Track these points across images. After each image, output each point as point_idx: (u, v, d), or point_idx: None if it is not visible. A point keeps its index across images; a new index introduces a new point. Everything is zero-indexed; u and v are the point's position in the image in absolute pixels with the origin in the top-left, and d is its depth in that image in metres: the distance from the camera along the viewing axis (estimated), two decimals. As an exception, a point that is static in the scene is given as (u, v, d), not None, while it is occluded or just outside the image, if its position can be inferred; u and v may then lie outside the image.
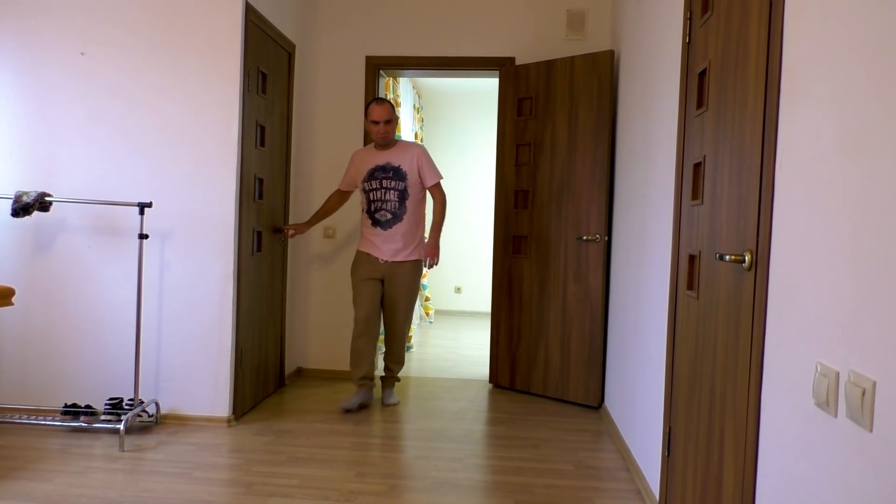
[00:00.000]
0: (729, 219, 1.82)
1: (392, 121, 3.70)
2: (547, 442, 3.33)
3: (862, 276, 1.15)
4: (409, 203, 3.73)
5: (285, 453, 3.06)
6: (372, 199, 3.74)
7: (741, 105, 1.77)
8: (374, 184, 3.73)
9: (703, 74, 2.15)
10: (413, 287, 3.80)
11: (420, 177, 3.76)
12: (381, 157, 3.76)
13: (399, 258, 3.73)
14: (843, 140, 1.23)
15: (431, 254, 3.76)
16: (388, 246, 3.71)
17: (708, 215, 2.01)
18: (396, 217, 3.72)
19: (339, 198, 3.99)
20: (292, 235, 3.96)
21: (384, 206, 3.72)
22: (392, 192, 3.71)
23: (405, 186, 3.72)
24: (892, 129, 1.07)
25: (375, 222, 3.73)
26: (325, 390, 4.19)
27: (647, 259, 2.92)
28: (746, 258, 1.64)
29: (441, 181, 3.82)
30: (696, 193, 2.17)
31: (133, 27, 3.39)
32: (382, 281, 3.77)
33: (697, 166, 2.17)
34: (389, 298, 3.79)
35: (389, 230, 3.71)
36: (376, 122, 3.69)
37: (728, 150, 1.86)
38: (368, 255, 3.76)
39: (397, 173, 3.72)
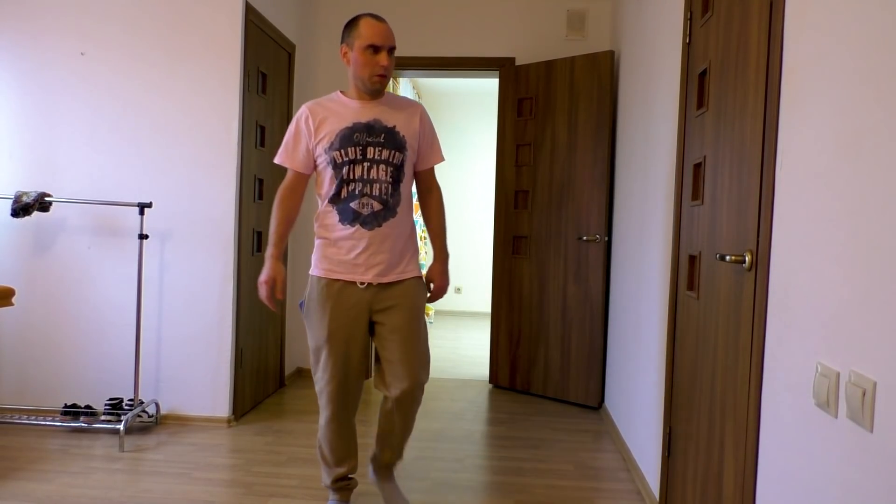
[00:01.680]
0: (729, 219, 1.82)
1: (394, 51, 2.30)
2: (547, 442, 3.33)
3: (862, 276, 1.15)
4: (403, 188, 2.31)
5: (285, 454, 3.06)
6: (348, 177, 2.25)
7: (741, 105, 1.77)
8: (354, 152, 2.24)
9: (703, 75, 2.15)
10: (421, 317, 2.36)
11: (418, 150, 2.39)
12: (366, 111, 2.29)
13: (391, 277, 2.29)
14: (844, 140, 1.23)
15: (443, 284, 2.46)
16: (373, 258, 2.26)
17: (708, 215, 2.01)
18: (388, 209, 2.27)
19: (299, 190, 2.36)
20: (280, 297, 2.30)
21: (370, 189, 2.25)
22: (384, 167, 2.26)
23: (402, 161, 2.30)
24: (892, 130, 1.07)
25: (352, 217, 2.25)
26: (325, 390, 4.19)
27: (647, 259, 2.92)
28: (747, 258, 1.64)
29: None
30: (697, 193, 2.17)
31: (133, 27, 3.39)
32: (369, 318, 2.32)
33: (697, 166, 2.17)
34: (385, 343, 2.30)
35: (377, 230, 2.26)
36: (376, 49, 2.22)
37: (728, 151, 1.86)
38: (336, 283, 2.27)
39: (392, 138, 2.28)
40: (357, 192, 2.25)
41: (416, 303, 2.33)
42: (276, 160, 2.36)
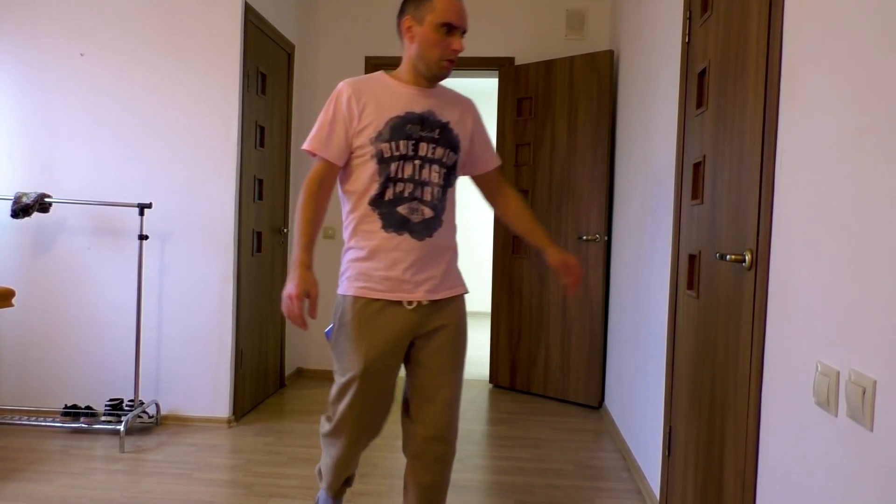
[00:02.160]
0: (729, 218, 1.82)
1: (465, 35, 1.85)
2: (547, 442, 3.33)
3: (862, 275, 1.15)
4: (450, 194, 1.98)
5: (286, 454, 3.06)
6: (395, 176, 1.88)
7: (741, 105, 1.77)
8: (406, 147, 1.88)
9: (702, 74, 2.15)
10: (466, 341, 2.02)
11: (470, 149, 2.06)
12: (420, 100, 1.92)
13: (442, 293, 1.94)
14: (843, 139, 1.23)
15: (579, 269, 2.05)
16: (422, 273, 1.90)
17: (708, 215, 2.01)
18: (437, 217, 1.93)
19: (329, 184, 1.92)
20: (313, 313, 1.79)
21: (421, 193, 1.90)
22: (437, 168, 1.92)
23: (455, 163, 1.97)
24: (891, 129, 1.07)
25: (398, 224, 1.89)
26: (326, 391, 4.19)
27: (647, 259, 2.92)
28: (747, 258, 1.64)
29: None
30: (696, 193, 2.17)
31: (133, 28, 3.39)
32: (409, 344, 1.96)
33: (697, 166, 2.17)
34: (419, 369, 1.94)
35: (428, 240, 1.91)
36: (451, 29, 1.87)
37: (728, 150, 1.86)
38: (375, 304, 1.88)
39: (447, 135, 1.95)
40: (407, 195, 1.89)
41: (464, 321, 2.00)
42: (306, 147, 1.90)
